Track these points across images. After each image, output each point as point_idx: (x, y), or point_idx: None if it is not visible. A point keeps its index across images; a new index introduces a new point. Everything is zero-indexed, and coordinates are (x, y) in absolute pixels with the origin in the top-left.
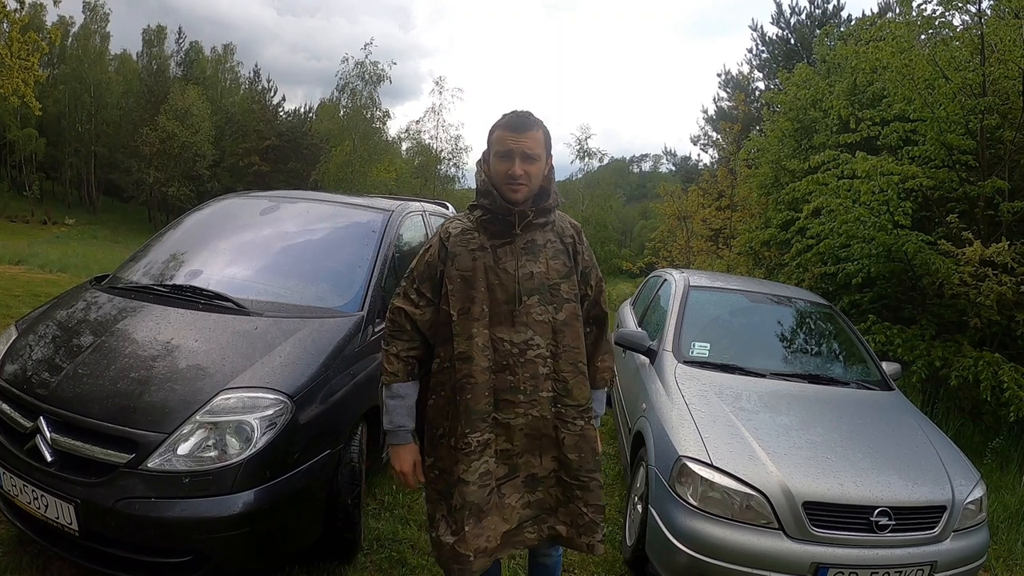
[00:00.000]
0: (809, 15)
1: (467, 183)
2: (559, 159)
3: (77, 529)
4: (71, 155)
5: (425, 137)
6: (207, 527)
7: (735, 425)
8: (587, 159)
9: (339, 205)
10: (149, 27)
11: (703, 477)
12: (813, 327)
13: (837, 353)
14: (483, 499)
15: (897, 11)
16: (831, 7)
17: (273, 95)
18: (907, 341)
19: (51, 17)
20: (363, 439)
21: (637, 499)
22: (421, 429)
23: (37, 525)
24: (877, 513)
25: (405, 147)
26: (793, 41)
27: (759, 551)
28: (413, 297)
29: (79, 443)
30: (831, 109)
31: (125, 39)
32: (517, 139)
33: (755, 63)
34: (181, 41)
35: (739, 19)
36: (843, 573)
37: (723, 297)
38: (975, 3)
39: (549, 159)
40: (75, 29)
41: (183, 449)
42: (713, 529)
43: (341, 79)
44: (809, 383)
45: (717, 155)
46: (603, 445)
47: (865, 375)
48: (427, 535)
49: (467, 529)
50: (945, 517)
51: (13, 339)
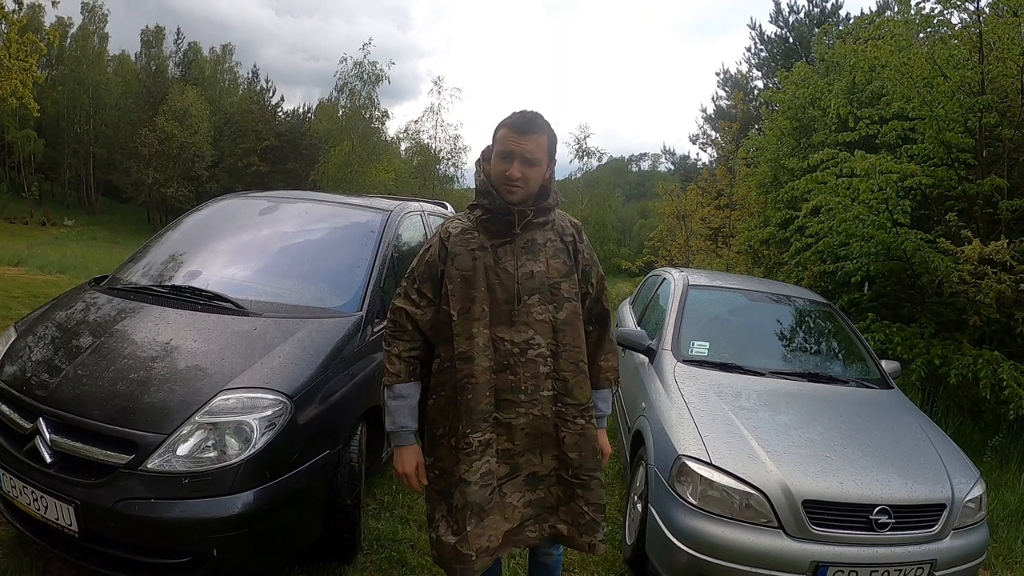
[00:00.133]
0: (808, 14)
1: (466, 183)
2: (558, 158)
3: (77, 530)
4: (70, 156)
5: (424, 137)
6: (206, 528)
7: (734, 424)
8: (586, 158)
9: (338, 205)
10: (147, 28)
11: (703, 476)
12: (812, 325)
13: (836, 351)
14: (485, 499)
15: (896, 9)
16: (829, 6)
17: (272, 95)
18: (906, 339)
19: (49, 18)
20: (362, 439)
21: (637, 498)
22: (421, 429)
23: (37, 526)
24: (877, 511)
25: (404, 147)
26: (792, 40)
27: (759, 550)
28: (414, 297)
29: (79, 444)
30: (830, 108)
31: (123, 40)
32: (519, 141)
33: (754, 62)
34: (180, 42)
35: (738, 18)
36: (843, 572)
37: (722, 296)
38: (973, 2)
39: (552, 164)
40: (73, 30)
41: (182, 450)
42: (713, 528)
43: (340, 79)
44: (808, 382)
45: (716, 154)
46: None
47: (864, 373)
48: (427, 536)
49: (469, 529)
50: (945, 515)
51: (12, 340)
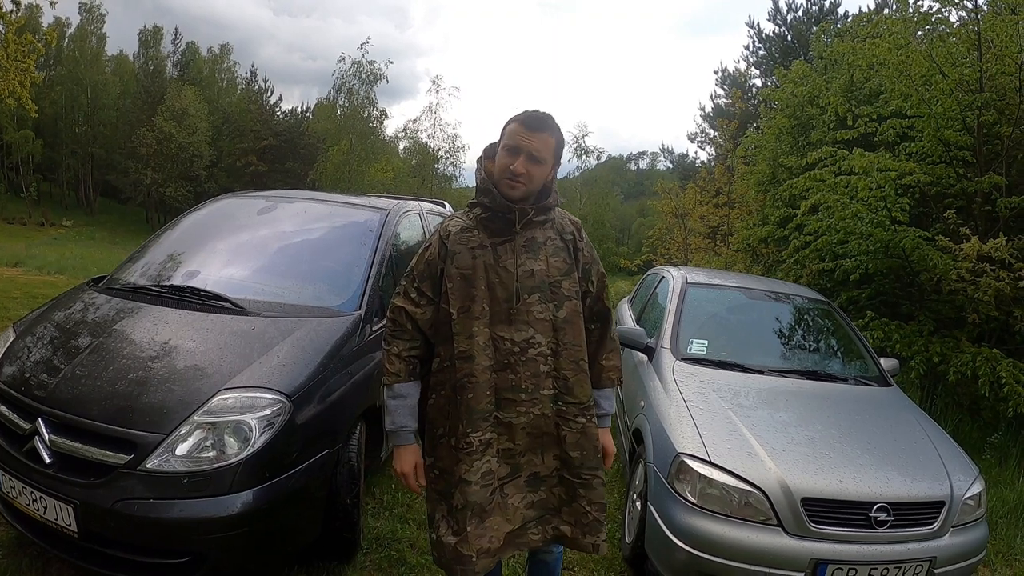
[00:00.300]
0: (806, 12)
1: (464, 182)
2: None
3: (76, 530)
4: (68, 156)
5: (422, 136)
6: (206, 527)
7: (733, 422)
8: (584, 157)
9: (336, 204)
10: (145, 28)
11: (702, 474)
12: (811, 323)
13: (835, 349)
14: (485, 499)
15: (894, 7)
16: (828, 4)
17: (270, 95)
18: (905, 337)
19: (47, 18)
20: (361, 438)
21: (636, 497)
22: (421, 429)
23: (36, 527)
24: (876, 509)
25: (402, 146)
26: (790, 38)
27: (758, 548)
28: (413, 296)
29: (78, 444)
30: (828, 106)
31: (121, 40)
32: (527, 137)
33: (752, 60)
34: (177, 42)
35: (736, 17)
36: (842, 569)
37: (721, 294)
38: None
39: (556, 166)
40: (71, 30)
41: (181, 450)
42: (712, 526)
43: (338, 79)
44: (807, 379)
45: (714, 152)
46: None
47: (863, 371)
48: (426, 535)
49: (469, 529)
50: (944, 513)
51: (11, 341)
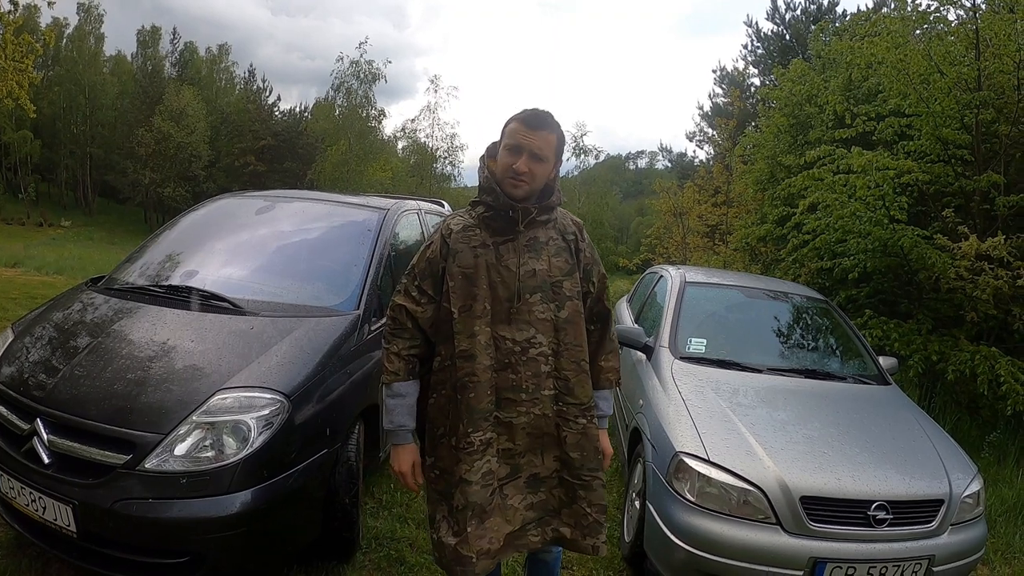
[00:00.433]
0: (804, 11)
1: (463, 181)
2: None
3: (75, 531)
4: (66, 157)
5: (421, 136)
6: (204, 527)
7: (732, 421)
8: (583, 156)
9: (335, 204)
10: (144, 28)
11: (700, 473)
12: (809, 322)
13: (834, 348)
14: (485, 499)
15: (892, 6)
16: (826, 3)
17: (268, 95)
18: (904, 335)
19: (45, 19)
20: (360, 438)
21: (635, 495)
22: (421, 429)
23: (35, 527)
24: (874, 507)
25: (401, 146)
26: (788, 37)
27: (757, 546)
28: (414, 294)
29: (76, 444)
30: (826, 104)
31: (120, 40)
32: (528, 136)
33: (750, 59)
34: (176, 42)
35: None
36: (841, 568)
37: (719, 293)
38: None
39: (558, 164)
40: (69, 30)
41: (180, 449)
42: (711, 525)
43: (336, 78)
44: (806, 378)
45: (713, 151)
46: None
47: (862, 370)
48: (428, 535)
49: (469, 530)
50: (943, 511)
51: (9, 341)
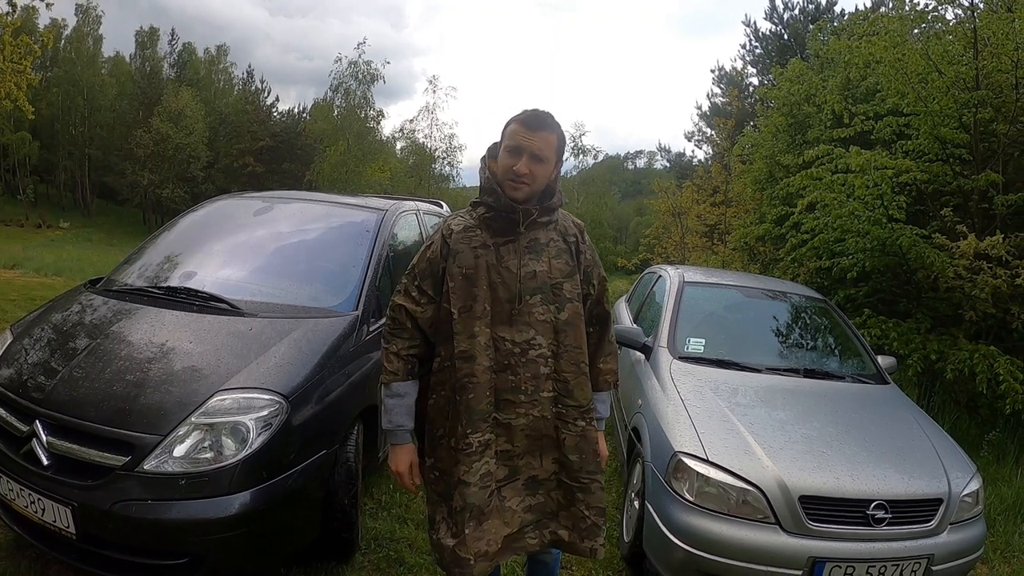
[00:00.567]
0: (802, 10)
1: (461, 182)
2: None
3: (74, 532)
4: (65, 158)
5: (419, 136)
6: (204, 528)
7: (730, 420)
8: (581, 156)
9: (333, 205)
10: (142, 29)
11: (699, 472)
12: (808, 321)
13: (832, 347)
14: (484, 501)
15: (890, 5)
16: (824, 2)
17: (267, 96)
18: (902, 335)
19: (43, 20)
20: (359, 438)
21: (634, 495)
22: (421, 429)
23: (35, 529)
24: (873, 507)
25: (399, 146)
26: (786, 36)
27: (756, 546)
28: (414, 294)
29: (75, 446)
30: (825, 104)
31: (118, 41)
32: (529, 137)
33: (748, 59)
34: (174, 42)
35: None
36: (840, 567)
37: (718, 293)
38: None
39: (559, 164)
40: (68, 32)
41: (179, 451)
42: (709, 524)
43: (334, 79)
44: (804, 377)
45: (711, 151)
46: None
47: (861, 369)
48: (427, 536)
49: (467, 532)
50: (942, 510)
51: (8, 343)
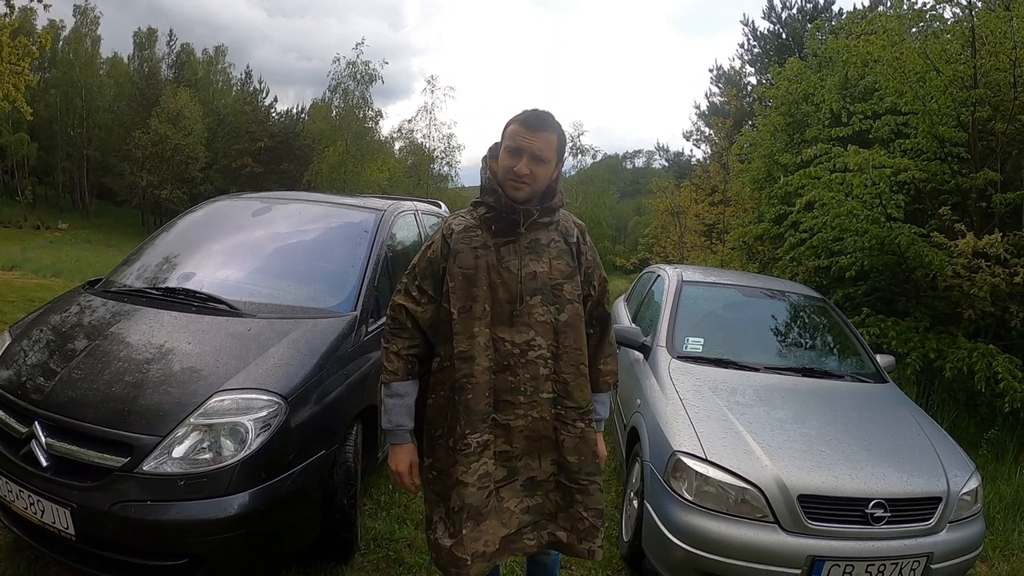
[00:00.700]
0: (800, 9)
1: (460, 182)
2: None
3: (74, 533)
4: (63, 159)
5: (418, 136)
6: (203, 529)
7: (729, 419)
8: (580, 156)
9: (331, 205)
10: (140, 30)
11: (698, 472)
12: (807, 320)
13: (831, 346)
14: (481, 501)
15: (888, 4)
16: (822, 1)
17: (265, 96)
18: (901, 333)
19: (42, 21)
20: (358, 439)
21: (633, 495)
22: (420, 429)
23: (34, 530)
24: (872, 505)
25: (398, 147)
26: (784, 36)
27: (755, 545)
28: (414, 294)
29: (74, 447)
30: (823, 103)
31: (116, 42)
32: (529, 137)
33: (747, 58)
34: (172, 43)
35: (731, 15)
36: (839, 566)
37: (716, 292)
38: None
39: (560, 164)
40: (66, 33)
41: (178, 452)
42: (708, 523)
43: (333, 79)
44: (803, 376)
45: (710, 150)
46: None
47: (859, 368)
48: (425, 536)
49: (465, 532)
50: (941, 508)
51: (7, 345)
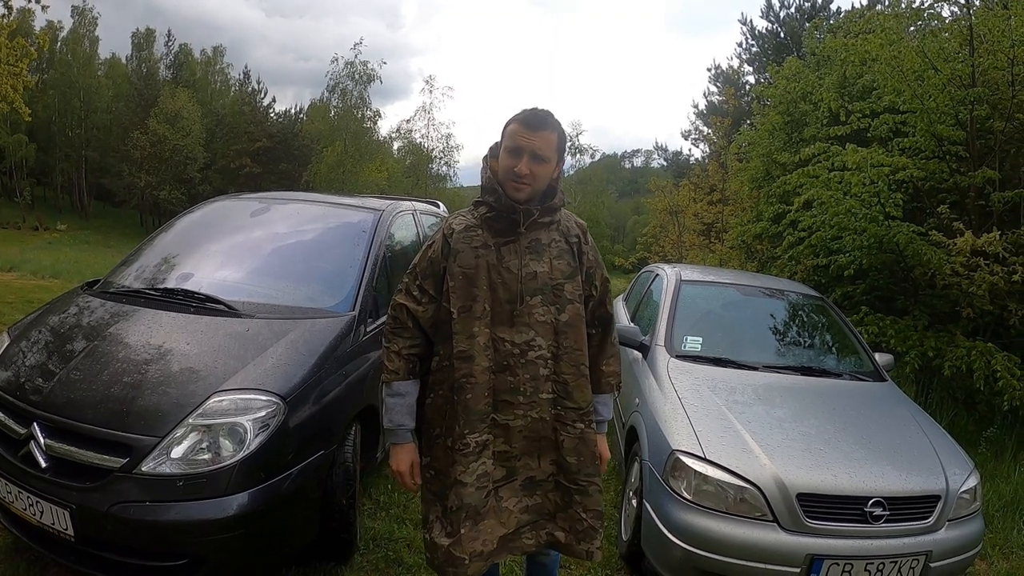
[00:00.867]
0: (799, 8)
1: (459, 182)
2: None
3: (73, 534)
4: (62, 160)
5: (416, 136)
6: (202, 530)
7: (728, 418)
8: (579, 155)
9: (330, 206)
10: (138, 30)
11: (696, 471)
12: (805, 319)
13: (830, 345)
14: (480, 501)
15: (886, 3)
16: (820, 0)
17: (263, 97)
18: (900, 332)
19: (40, 22)
20: (357, 439)
21: (632, 494)
22: (419, 428)
23: (33, 531)
24: (871, 504)
25: (396, 147)
26: (783, 35)
27: (754, 544)
28: (415, 294)
29: (73, 448)
30: (821, 102)
31: (114, 43)
32: (529, 137)
33: (745, 57)
34: (170, 44)
35: (729, 14)
36: (838, 564)
37: (715, 291)
38: None
39: (560, 163)
40: (64, 34)
41: (177, 452)
42: (708, 522)
43: (331, 80)
44: (802, 375)
45: (708, 149)
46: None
47: (858, 366)
48: (422, 535)
49: (463, 531)
50: (939, 507)
51: (6, 346)
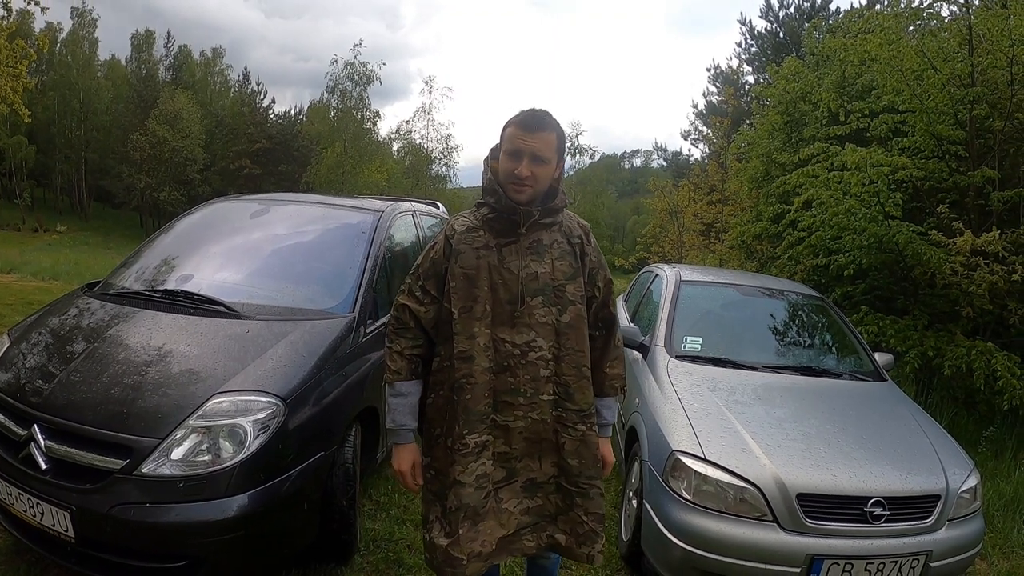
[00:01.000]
0: (798, 8)
1: (458, 183)
2: None
3: (73, 536)
4: (61, 162)
5: (415, 137)
6: (202, 531)
7: (728, 419)
8: (578, 156)
9: (329, 207)
10: (137, 32)
11: (696, 471)
12: (805, 319)
13: (830, 345)
14: (479, 502)
15: (885, 3)
16: (819, 0)
17: (263, 98)
18: (900, 331)
19: (39, 24)
20: (357, 440)
21: (632, 494)
22: (420, 428)
23: (33, 533)
24: (871, 504)
25: (396, 147)
26: (782, 35)
27: (754, 544)
28: (418, 294)
29: (73, 450)
30: (820, 102)
31: (114, 44)
32: (528, 139)
33: (744, 57)
34: (170, 45)
35: (728, 14)
36: (838, 564)
37: (714, 291)
38: None
39: (560, 163)
40: (63, 35)
41: (177, 454)
42: (707, 523)
43: (330, 80)
44: (802, 375)
45: (708, 149)
46: None
47: (858, 366)
48: (422, 536)
49: (461, 532)
50: (940, 506)
51: (6, 347)
